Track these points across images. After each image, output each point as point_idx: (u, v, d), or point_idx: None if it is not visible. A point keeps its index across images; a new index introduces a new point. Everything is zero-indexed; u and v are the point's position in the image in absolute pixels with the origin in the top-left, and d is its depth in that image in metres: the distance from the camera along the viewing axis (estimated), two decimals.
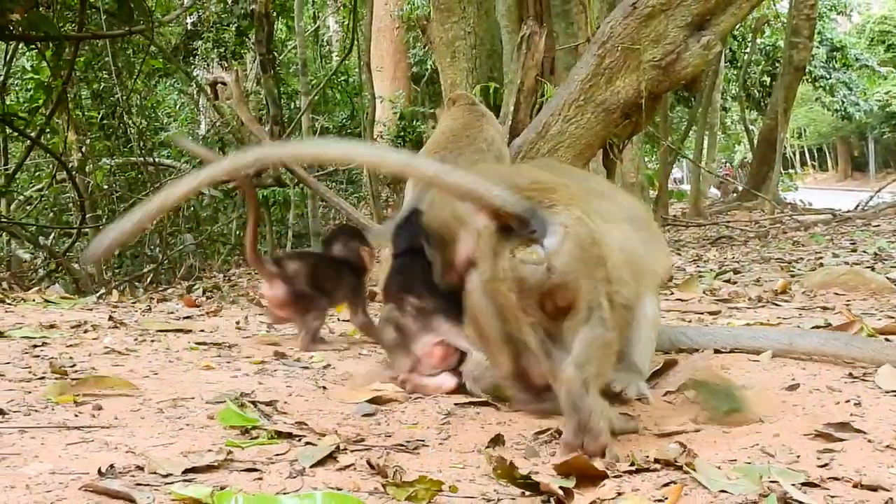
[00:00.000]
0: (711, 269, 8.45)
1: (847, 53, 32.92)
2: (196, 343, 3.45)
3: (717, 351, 3.38)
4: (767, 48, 29.83)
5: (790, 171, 32.02)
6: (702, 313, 4.59)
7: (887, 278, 6.01)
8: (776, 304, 4.83)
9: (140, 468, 1.98)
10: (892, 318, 4.39)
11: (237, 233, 16.75)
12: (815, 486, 1.93)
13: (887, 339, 3.61)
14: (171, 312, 4.38)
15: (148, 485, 1.88)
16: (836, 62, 32.79)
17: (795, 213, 15.39)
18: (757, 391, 2.69)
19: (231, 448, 2.17)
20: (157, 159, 14.71)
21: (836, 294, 5.16)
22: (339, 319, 4.37)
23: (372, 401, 2.67)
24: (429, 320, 2.91)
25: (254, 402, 2.58)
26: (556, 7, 10.51)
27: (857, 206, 17.46)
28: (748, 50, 26.63)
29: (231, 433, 2.33)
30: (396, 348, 2.97)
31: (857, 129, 49.06)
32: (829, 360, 3.13)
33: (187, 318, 4.18)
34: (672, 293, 5.94)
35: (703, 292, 5.94)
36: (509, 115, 6.36)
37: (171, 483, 1.89)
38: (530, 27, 6.52)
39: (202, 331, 3.78)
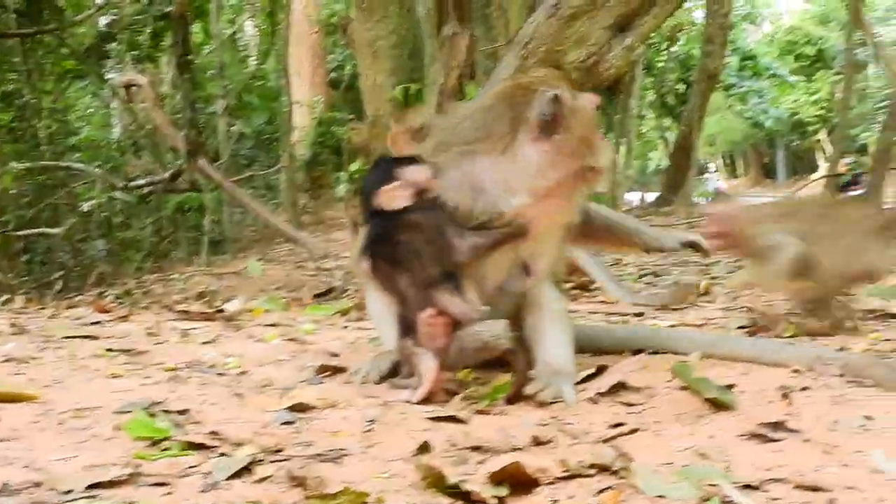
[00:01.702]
0: (631, 273, 8.48)
1: (758, 62, 33.66)
2: (104, 349, 3.26)
3: (638, 351, 3.32)
4: (682, 56, 30.31)
5: (703, 177, 32.55)
6: (626, 314, 4.54)
7: None
8: (700, 306, 4.81)
9: (38, 484, 1.82)
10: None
11: (151, 239, 16.39)
12: (756, 488, 1.86)
13: (812, 339, 3.62)
14: (79, 318, 4.17)
15: (45, 503, 1.72)
16: (747, 71, 33.49)
17: None
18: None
19: (139, 461, 2.02)
20: (67, 163, 14.27)
21: (759, 296, 5.17)
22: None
23: (291, 408, 2.53)
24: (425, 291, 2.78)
25: (165, 412, 2.42)
26: (476, 11, 10.48)
27: None
28: (663, 58, 27.04)
29: (139, 445, 2.18)
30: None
31: (767, 137, 50.19)
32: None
33: (96, 323, 3.98)
34: (596, 296, 5.92)
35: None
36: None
37: (73, 500, 1.74)
38: (452, 28, 6.44)
39: (111, 337, 3.59)
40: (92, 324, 3.95)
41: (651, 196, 28.00)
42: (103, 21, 17.49)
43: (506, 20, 10.38)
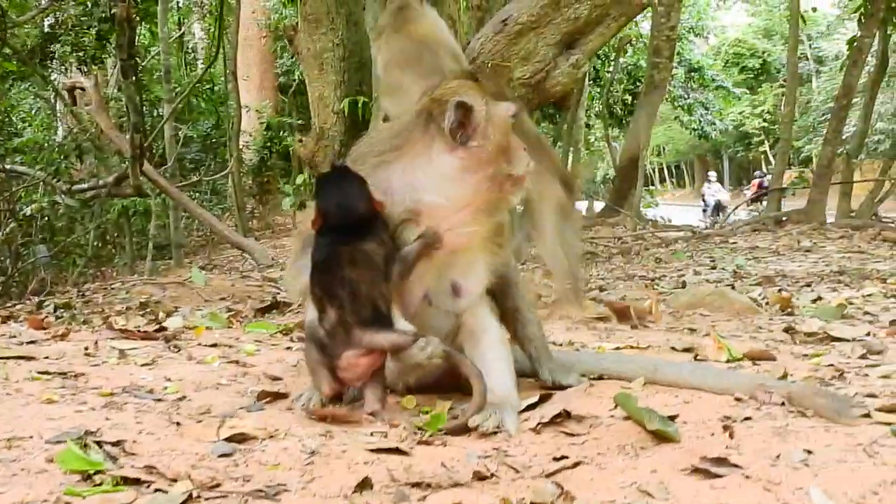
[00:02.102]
0: None
1: (704, 74, 34.12)
2: (38, 372, 3.17)
3: (582, 375, 3.32)
4: (629, 67, 30.62)
5: (651, 187, 32.86)
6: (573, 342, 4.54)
7: (749, 298, 6.14)
8: (645, 326, 4.83)
9: None
10: (756, 338, 4.45)
11: (94, 244, 16.12)
12: None
13: (755, 364, 3.64)
14: (14, 336, 4.06)
15: None
16: (693, 82, 33.93)
17: (657, 231, 15.71)
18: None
19: (70, 497, 1.96)
20: (9, 166, 13.97)
21: (702, 315, 5.22)
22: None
23: (230, 439, 2.48)
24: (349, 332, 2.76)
25: (98, 443, 2.35)
26: None
27: (715, 222, 18.00)
28: (611, 68, 27.28)
29: (72, 479, 2.11)
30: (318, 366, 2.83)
31: (713, 148, 50.94)
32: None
33: (31, 342, 3.87)
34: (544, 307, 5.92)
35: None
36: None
37: None
38: None
39: (47, 357, 3.49)
40: (27, 343, 3.86)
41: (599, 205, 28.22)
42: (47, 22, 17.21)
43: (455, 30, 10.41)
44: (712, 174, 32.75)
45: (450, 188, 2.84)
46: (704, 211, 30.31)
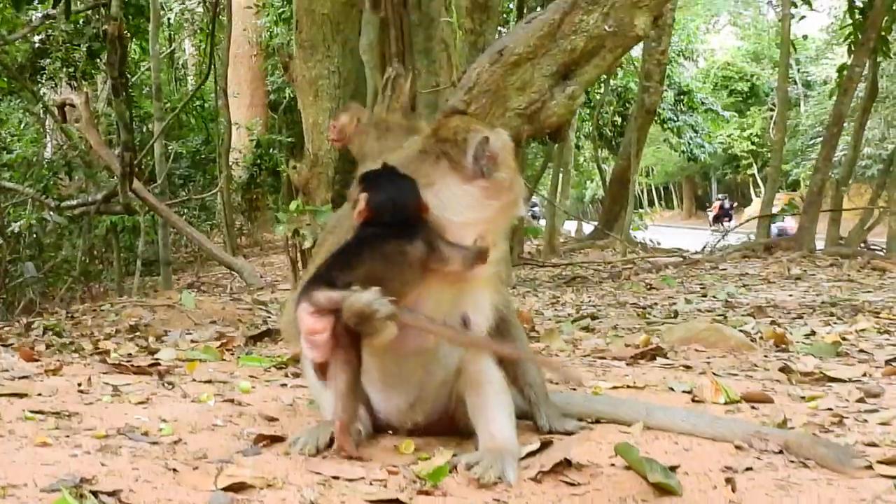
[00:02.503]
0: (569, 315, 8.49)
1: (693, 97, 34.30)
2: (32, 411, 3.12)
3: (580, 419, 3.30)
4: (619, 89, 30.75)
5: (640, 210, 32.96)
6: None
7: (742, 331, 6.13)
8: (638, 363, 4.81)
9: None
10: (752, 377, 4.44)
11: (83, 259, 16.03)
12: None
13: (753, 407, 3.62)
14: (6, 370, 4.01)
15: None
16: (683, 105, 34.10)
17: (647, 256, 15.73)
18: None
19: None
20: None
21: (697, 350, 5.20)
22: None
23: (227, 488, 2.44)
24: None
25: (94, 492, 2.31)
26: (419, 44, 10.47)
27: (704, 247, 18.03)
28: (601, 91, 27.38)
29: None
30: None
31: (702, 170, 51.15)
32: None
33: (24, 377, 3.83)
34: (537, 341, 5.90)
35: (565, 341, 5.91)
36: None
37: None
38: (396, 69, 6.40)
39: (40, 394, 3.44)
40: (19, 378, 3.81)
41: (588, 226, 28.29)
42: (38, 37, 17.15)
43: (448, 54, 10.43)
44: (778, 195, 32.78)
45: (471, 214, 2.89)
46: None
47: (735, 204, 48.82)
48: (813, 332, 6.09)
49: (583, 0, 5.91)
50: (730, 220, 44.08)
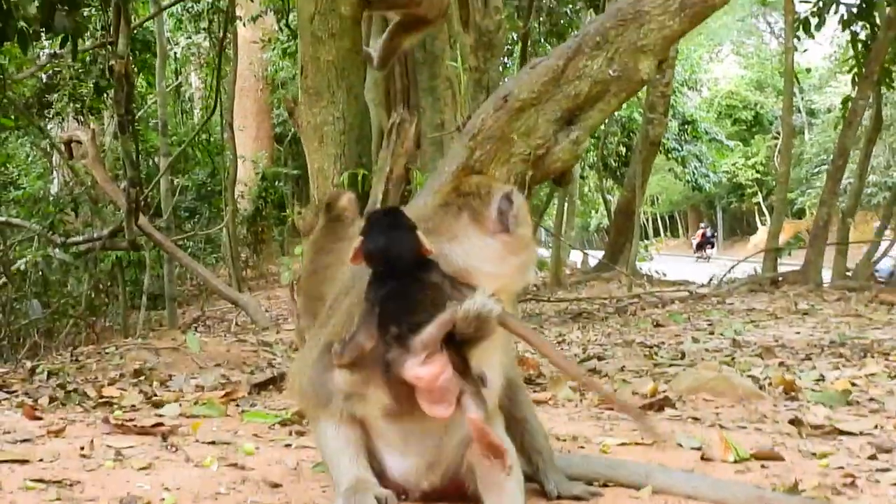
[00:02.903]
0: (576, 355, 8.45)
1: (698, 127, 34.35)
2: (33, 480, 3.08)
3: (589, 483, 3.26)
4: (624, 120, 30.81)
5: (646, 241, 32.96)
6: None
7: (750, 376, 6.10)
8: (647, 414, 4.76)
9: None
10: (761, 430, 4.39)
11: (89, 294, 16.03)
12: None
13: (763, 466, 3.58)
14: (8, 432, 3.97)
15: None
16: (687, 135, 34.15)
17: (653, 290, 15.67)
18: None
19: None
20: (3, 218, 13.92)
21: (705, 400, 5.15)
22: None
23: None
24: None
25: None
26: (423, 82, 10.51)
27: (710, 280, 17.97)
28: (605, 121, 27.41)
29: None
30: None
31: (707, 199, 51.16)
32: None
33: (25, 440, 3.79)
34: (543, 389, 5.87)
35: (571, 388, 5.87)
36: (378, 203, 6.21)
37: None
38: (400, 115, 6.40)
39: (41, 460, 3.41)
40: (21, 441, 3.77)
41: (594, 254, 28.26)
42: (45, 74, 17.24)
43: (453, 91, 10.45)
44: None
45: (491, 268, 2.88)
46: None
47: (715, 233, 51.30)
48: (822, 378, 6.04)
49: (587, 45, 5.88)
50: (712, 248, 46.66)
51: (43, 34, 9.59)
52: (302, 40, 6.52)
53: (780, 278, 14.99)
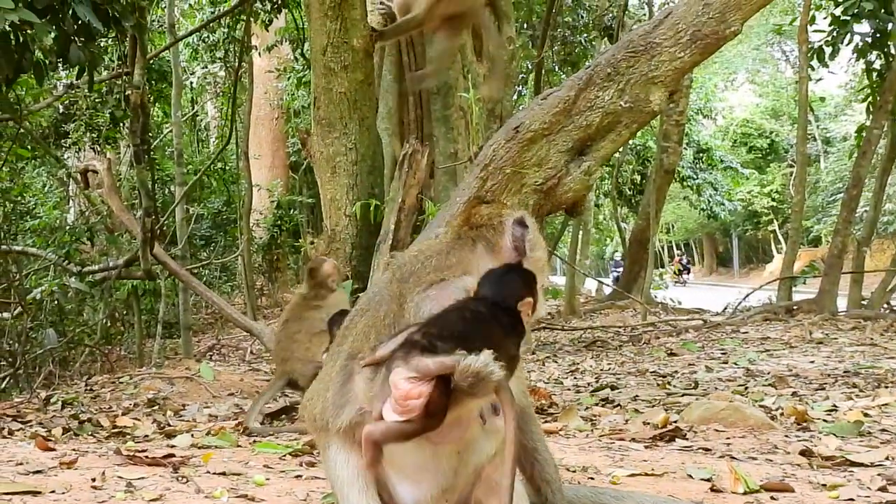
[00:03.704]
0: (588, 384, 8.44)
1: (713, 155, 34.30)
2: None
3: None
4: (638, 148, 30.83)
5: (661, 269, 32.88)
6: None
7: (762, 406, 6.08)
8: (656, 445, 4.76)
9: None
10: (772, 460, 4.38)
11: (104, 321, 16.11)
12: None
13: (773, 498, 3.57)
14: (21, 463, 4.00)
15: None
16: (702, 163, 34.11)
17: (668, 319, 15.62)
18: None
19: None
20: (19, 247, 14.00)
21: (717, 430, 5.14)
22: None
23: None
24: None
25: None
26: (437, 112, 10.58)
27: (725, 308, 17.91)
28: (620, 149, 27.45)
29: None
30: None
31: (722, 226, 51.06)
32: None
33: (38, 472, 3.81)
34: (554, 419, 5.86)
35: (583, 418, 5.87)
36: (390, 233, 6.26)
37: None
38: (412, 146, 6.46)
39: (53, 491, 3.43)
40: (34, 472, 3.79)
41: (609, 281, 28.22)
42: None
43: (466, 121, 10.51)
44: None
45: None
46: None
47: (689, 260, 57.47)
48: (835, 408, 6.01)
49: (598, 77, 5.94)
50: (688, 274, 51.43)
51: (59, 65, 9.71)
52: (315, 72, 6.60)
53: (795, 307, 14.91)
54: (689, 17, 5.75)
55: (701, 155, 33.88)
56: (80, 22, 7.43)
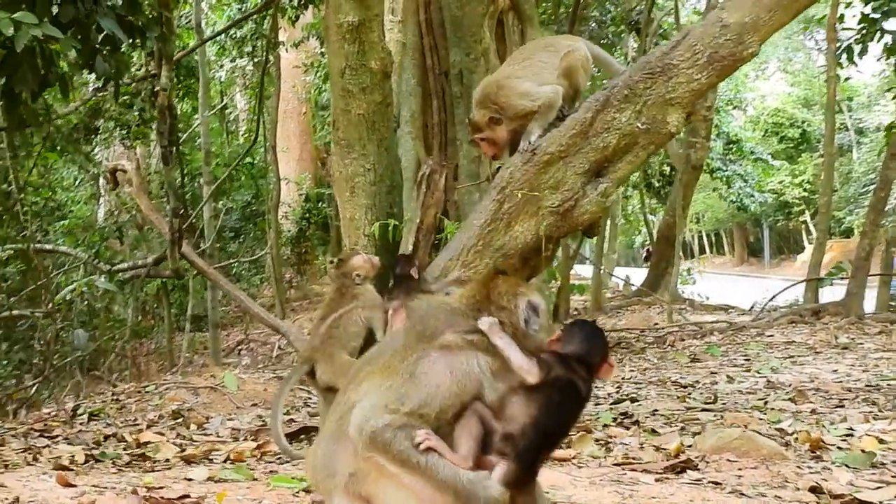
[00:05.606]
0: (609, 395, 8.47)
1: (742, 146, 33.99)
2: None
3: None
4: None
5: (689, 261, 32.68)
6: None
7: (778, 429, 6.09)
8: (667, 479, 4.79)
9: None
10: (781, 497, 4.40)
11: (135, 318, 16.33)
12: None
13: None
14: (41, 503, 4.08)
15: None
16: (732, 154, 33.82)
17: (693, 322, 15.54)
18: None
19: None
20: (50, 246, 14.17)
21: (729, 461, 5.16)
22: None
23: None
24: None
25: None
26: (460, 115, 10.60)
27: (752, 307, 17.83)
28: None
29: None
30: None
31: (753, 216, 50.65)
32: None
33: None
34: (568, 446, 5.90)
35: (596, 442, 5.90)
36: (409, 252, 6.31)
37: None
38: (430, 165, 6.51)
39: None
40: None
41: (638, 272, 28.09)
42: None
43: None
44: None
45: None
46: None
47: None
48: (850, 432, 6.00)
49: (615, 98, 5.94)
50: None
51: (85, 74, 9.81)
52: (333, 94, 6.63)
53: (822, 309, 14.82)
54: (707, 38, 5.73)
55: (731, 146, 33.58)
56: (104, 34, 7.47)
